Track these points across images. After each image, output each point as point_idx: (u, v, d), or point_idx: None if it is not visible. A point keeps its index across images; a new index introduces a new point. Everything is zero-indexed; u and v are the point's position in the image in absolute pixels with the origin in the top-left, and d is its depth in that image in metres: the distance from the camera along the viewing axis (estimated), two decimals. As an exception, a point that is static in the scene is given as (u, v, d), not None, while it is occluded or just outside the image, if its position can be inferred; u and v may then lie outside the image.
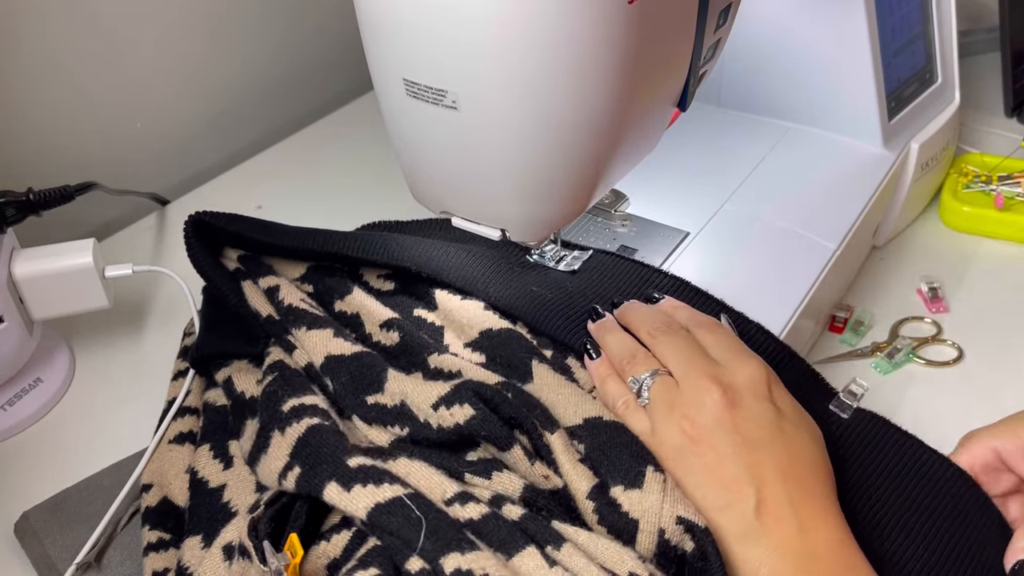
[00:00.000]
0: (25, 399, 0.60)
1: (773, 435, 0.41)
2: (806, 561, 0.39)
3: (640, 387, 0.44)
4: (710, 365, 0.44)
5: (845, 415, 0.49)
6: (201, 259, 0.55)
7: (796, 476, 0.41)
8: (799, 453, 0.41)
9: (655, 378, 0.44)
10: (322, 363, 0.49)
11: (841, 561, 0.39)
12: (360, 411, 0.47)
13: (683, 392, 0.43)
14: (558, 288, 0.53)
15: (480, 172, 0.44)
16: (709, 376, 0.43)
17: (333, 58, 0.92)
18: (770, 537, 0.39)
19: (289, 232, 0.56)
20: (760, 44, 0.66)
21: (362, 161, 0.83)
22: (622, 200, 0.61)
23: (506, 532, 0.40)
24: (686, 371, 0.44)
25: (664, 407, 0.43)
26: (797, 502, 0.40)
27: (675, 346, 0.45)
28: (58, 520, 0.51)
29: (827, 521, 0.40)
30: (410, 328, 0.51)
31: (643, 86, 0.42)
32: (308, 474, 0.42)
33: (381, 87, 0.44)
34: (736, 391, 0.42)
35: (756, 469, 0.40)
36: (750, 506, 0.40)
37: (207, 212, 0.56)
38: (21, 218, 0.59)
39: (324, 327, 0.50)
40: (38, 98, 0.72)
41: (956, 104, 0.72)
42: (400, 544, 0.39)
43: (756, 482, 0.40)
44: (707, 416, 0.42)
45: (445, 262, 0.54)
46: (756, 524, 0.39)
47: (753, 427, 0.41)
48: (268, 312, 0.53)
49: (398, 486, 0.41)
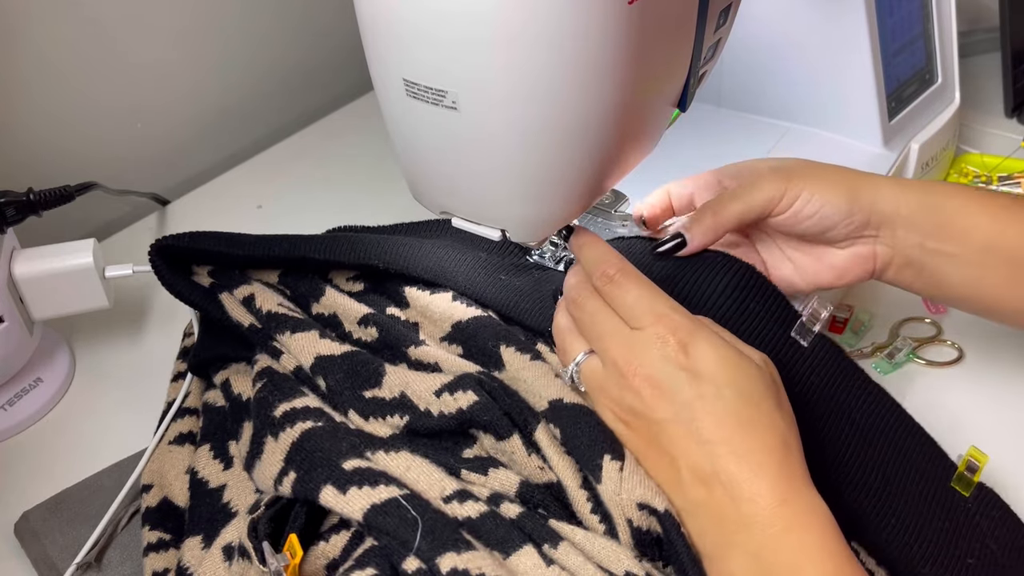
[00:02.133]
0: (25, 399, 0.60)
1: (691, 403, 0.40)
2: (741, 531, 0.38)
3: (571, 377, 0.45)
4: (620, 338, 0.42)
5: (805, 342, 0.49)
6: (174, 283, 0.55)
7: (722, 439, 0.39)
8: (724, 414, 0.39)
9: (581, 365, 0.44)
10: (312, 363, 0.49)
11: (779, 524, 0.37)
12: (358, 406, 0.47)
13: (604, 375, 0.43)
14: (527, 275, 0.54)
15: (480, 172, 0.44)
16: (620, 358, 0.42)
17: (333, 58, 0.92)
18: (706, 508, 0.39)
19: (256, 241, 0.56)
20: (760, 44, 0.66)
21: (362, 161, 0.83)
22: (622, 200, 0.60)
23: (504, 531, 0.40)
24: (602, 352, 0.43)
25: (595, 394, 0.43)
26: (724, 468, 0.38)
27: (587, 322, 0.44)
28: (58, 520, 0.51)
29: (761, 483, 0.38)
30: (387, 322, 0.51)
31: (643, 86, 0.42)
32: (304, 478, 0.43)
33: (381, 87, 0.44)
34: (647, 366, 0.41)
35: (679, 441, 0.40)
36: (682, 478, 0.39)
37: (169, 236, 0.55)
38: (21, 218, 0.59)
39: (308, 329, 0.50)
40: (38, 98, 0.72)
41: (956, 104, 0.72)
42: (396, 544, 0.40)
43: (681, 455, 0.40)
44: (626, 398, 0.41)
45: (412, 257, 0.54)
46: (690, 497, 0.39)
47: (668, 402, 0.40)
48: (250, 321, 0.52)
49: (394, 487, 0.41)
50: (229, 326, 0.53)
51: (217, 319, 0.54)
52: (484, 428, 0.44)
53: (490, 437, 0.44)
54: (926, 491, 0.47)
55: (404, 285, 0.54)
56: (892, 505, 0.45)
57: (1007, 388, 0.57)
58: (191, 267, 0.57)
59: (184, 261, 0.56)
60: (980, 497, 0.47)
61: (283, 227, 0.59)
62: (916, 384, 0.58)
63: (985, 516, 0.46)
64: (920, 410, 0.56)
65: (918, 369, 0.59)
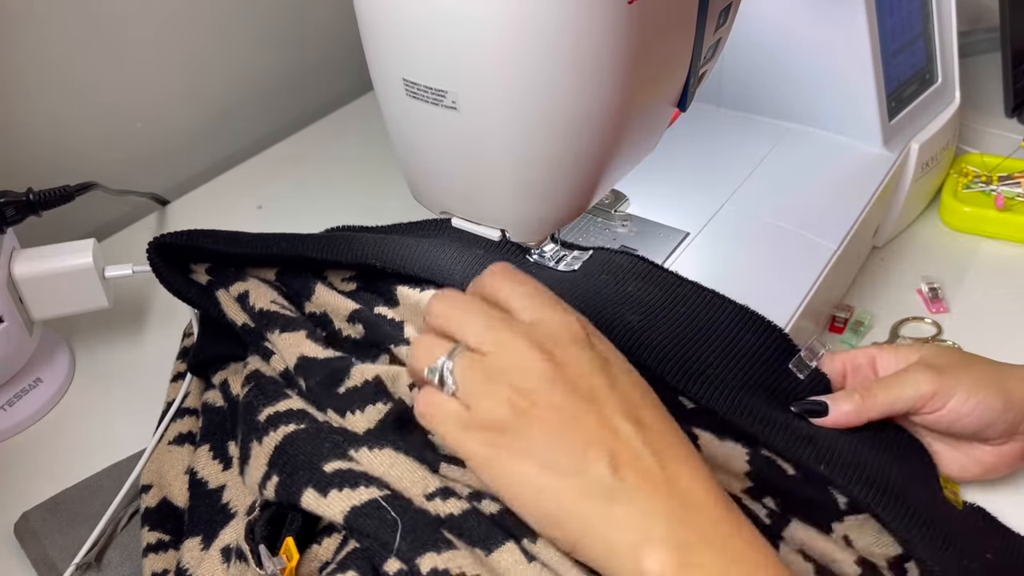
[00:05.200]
0: (25, 399, 0.60)
1: (607, 383, 0.37)
2: (680, 512, 0.35)
3: (440, 375, 0.38)
4: (518, 325, 0.38)
5: (802, 375, 0.49)
6: (172, 281, 0.55)
7: (642, 421, 0.37)
8: (639, 395, 0.38)
9: (453, 358, 0.38)
10: (296, 363, 0.49)
11: (719, 506, 0.36)
12: (335, 404, 0.47)
13: (498, 361, 0.37)
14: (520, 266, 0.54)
15: (480, 172, 0.44)
16: (523, 336, 0.37)
17: (333, 58, 0.92)
18: (635, 493, 0.35)
19: (253, 239, 0.56)
20: (760, 44, 0.66)
21: (362, 161, 0.83)
22: (622, 200, 0.61)
23: (485, 528, 0.40)
24: (494, 339, 0.38)
25: (480, 382, 0.37)
26: (654, 449, 0.36)
27: (467, 315, 0.39)
28: (58, 520, 0.51)
29: (690, 464, 0.37)
30: (373, 319, 0.51)
31: (643, 86, 0.42)
32: (286, 482, 0.43)
33: (381, 87, 0.44)
34: (559, 346, 0.38)
35: (601, 421, 0.36)
36: (604, 463, 0.36)
37: (167, 234, 0.55)
38: (21, 218, 0.59)
39: (297, 329, 0.51)
40: (38, 98, 0.72)
41: (956, 104, 0.72)
42: (377, 546, 0.40)
43: (605, 436, 0.36)
44: (535, 378, 0.37)
45: (410, 256, 0.54)
46: (616, 482, 0.35)
47: (586, 379, 0.37)
48: (243, 320, 0.52)
49: (374, 488, 0.41)
50: (226, 324, 0.53)
51: (214, 317, 0.54)
52: None
53: None
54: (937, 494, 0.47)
55: (397, 284, 0.54)
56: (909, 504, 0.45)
57: (1007, 388, 0.57)
58: (189, 266, 0.57)
59: (183, 260, 0.56)
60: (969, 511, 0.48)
61: (283, 227, 0.59)
62: (916, 384, 0.58)
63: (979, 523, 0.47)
64: (920, 410, 0.56)
65: (918, 369, 0.59)
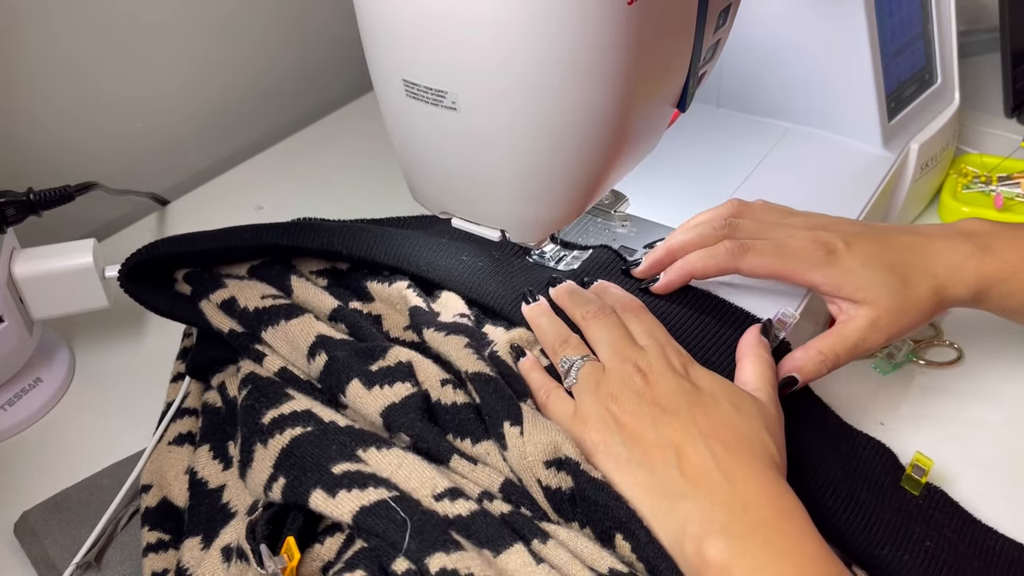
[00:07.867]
0: (25, 399, 0.60)
1: (691, 404, 0.44)
2: (738, 511, 0.39)
3: (571, 367, 0.47)
4: (634, 351, 0.47)
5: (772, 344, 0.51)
6: (153, 303, 0.55)
7: (717, 437, 0.42)
8: (719, 419, 0.43)
9: (585, 361, 0.47)
10: (313, 342, 0.49)
11: (775, 507, 0.39)
12: (364, 376, 0.47)
13: (609, 376, 0.46)
14: (487, 255, 0.55)
15: (480, 173, 0.44)
16: (631, 362, 0.46)
17: (333, 58, 0.92)
18: (696, 490, 0.40)
19: (214, 236, 0.55)
20: (760, 45, 0.66)
21: (362, 161, 0.83)
22: (622, 200, 0.61)
23: (494, 529, 0.40)
24: (612, 356, 0.47)
25: (591, 386, 0.46)
26: (720, 457, 0.41)
27: (605, 330, 0.48)
28: (58, 520, 0.51)
29: (756, 472, 0.41)
30: (354, 318, 0.51)
31: (643, 87, 0.42)
32: (293, 484, 0.43)
33: (381, 88, 0.44)
34: (656, 371, 0.45)
35: (675, 432, 0.42)
36: (672, 464, 0.41)
37: (131, 256, 0.55)
38: (21, 218, 0.59)
39: (303, 314, 0.51)
40: (38, 98, 0.72)
41: (956, 105, 0.72)
42: (386, 546, 0.40)
43: (676, 443, 0.42)
44: (629, 395, 0.44)
45: (373, 243, 0.54)
46: (681, 480, 0.41)
47: (670, 399, 0.44)
48: (229, 327, 0.52)
49: (383, 489, 0.41)
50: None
51: (202, 327, 0.54)
52: (459, 433, 0.45)
53: (467, 441, 0.45)
54: (882, 484, 0.49)
55: (365, 279, 0.54)
56: (852, 494, 0.47)
57: (1006, 388, 0.57)
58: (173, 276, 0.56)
59: (163, 272, 0.56)
60: (930, 496, 0.48)
61: (283, 227, 0.59)
62: (916, 384, 0.58)
63: (938, 510, 0.48)
64: (920, 410, 0.56)
65: (918, 369, 0.59)
